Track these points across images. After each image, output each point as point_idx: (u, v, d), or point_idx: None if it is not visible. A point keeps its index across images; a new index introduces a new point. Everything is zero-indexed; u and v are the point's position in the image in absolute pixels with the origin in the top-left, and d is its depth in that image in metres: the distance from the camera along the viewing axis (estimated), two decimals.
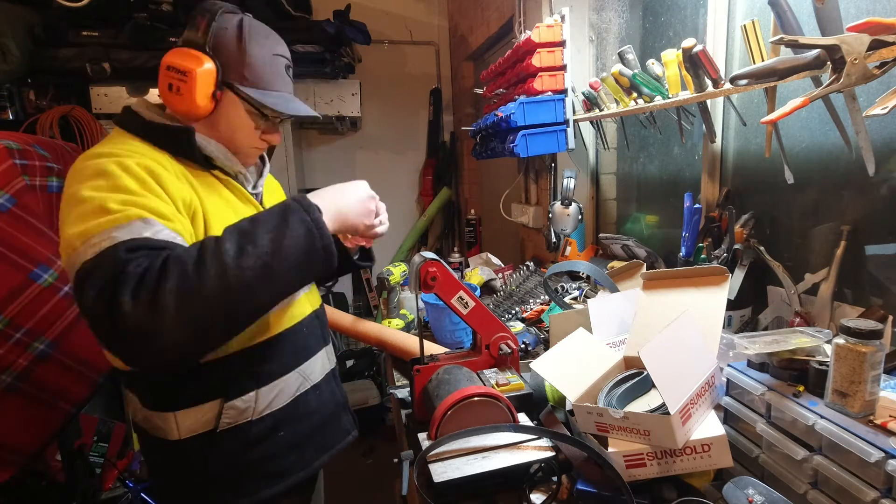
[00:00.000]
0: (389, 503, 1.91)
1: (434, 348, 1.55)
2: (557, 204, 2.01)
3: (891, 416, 0.76)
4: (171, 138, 0.98)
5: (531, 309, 1.80)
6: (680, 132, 1.49)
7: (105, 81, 2.83)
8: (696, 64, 1.26)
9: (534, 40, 1.94)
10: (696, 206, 1.49)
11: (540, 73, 1.96)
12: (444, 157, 4.21)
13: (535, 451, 0.96)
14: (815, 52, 0.94)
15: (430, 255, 1.18)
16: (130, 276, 0.74)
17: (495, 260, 2.56)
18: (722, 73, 1.26)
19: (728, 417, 0.98)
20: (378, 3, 3.88)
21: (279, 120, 1.09)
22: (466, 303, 1.18)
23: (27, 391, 1.73)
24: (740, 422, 0.95)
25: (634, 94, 1.56)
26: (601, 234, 2.09)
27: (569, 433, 1.02)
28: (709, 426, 0.90)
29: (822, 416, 0.79)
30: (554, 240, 2.10)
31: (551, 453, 0.95)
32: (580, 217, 2.00)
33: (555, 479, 0.96)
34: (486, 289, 2.20)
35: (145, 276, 0.75)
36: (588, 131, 2.16)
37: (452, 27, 4.05)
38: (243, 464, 1.04)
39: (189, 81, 0.95)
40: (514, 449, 0.96)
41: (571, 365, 1.06)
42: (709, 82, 1.28)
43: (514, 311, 1.84)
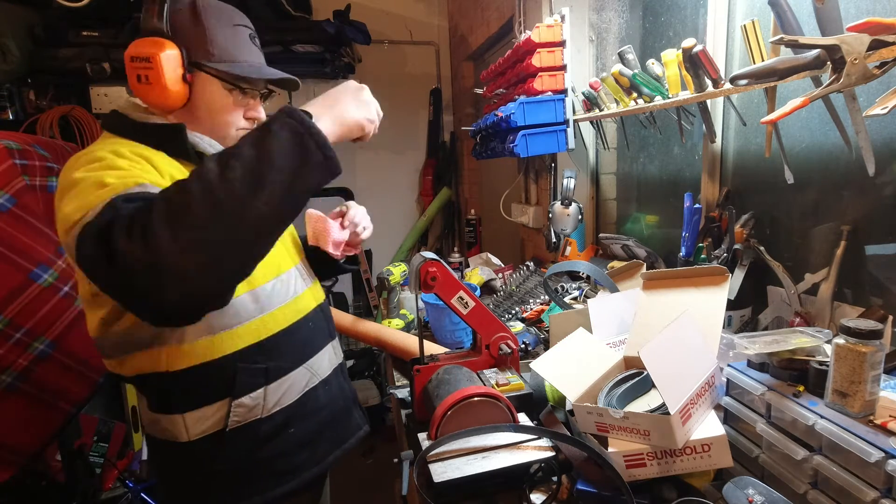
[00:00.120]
0: (389, 503, 1.91)
1: (434, 348, 1.55)
2: (557, 204, 2.01)
3: (891, 416, 0.76)
4: (163, 137, 0.98)
5: (531, 309, 1.80)
6: (680, 132, 1.49)
7: (105, 81, 2.83)
8: (696, 64, 1.26)
9: (534, 40, 1.94)
10: (696, 206, 1.49)
11: (540, 73, 1.96)
12: (444, 157, 4.21)
13: (535, 451, 0.96)
14: (815, 52, 0.94)
15: (430, 255, 1.18)
16: (123, 217, 0.73)
17: (495, 260, 2.56)
18: (722, 73, 1.26)
19: (728, 417, 0.98)
20: (378, 3, 3.88)
21: (259, 93, 1.07)
22: (466, 303, 1.18)
23: (27, 391, 1.73)
24: (740, 422, 0.95)
25: (634, 94, 1.56)
26: (601, 234, 2.09)
27: (569, 433, 1.02)
28: (709, 426, 0.90)
29: (822, 416, 0.79)
30: (554, 240, 2.10)
31: (551, 453, 0.96)
32: (580, 217, 2.00)
33: (555, 479, 0.96)
34: (486, 289, 2.20)
35: (135, 214, 0.74)
36: (588, 131, 2.16)
37: (452, 27, 4.05)
38: (254, 462, 1.04)
39: (155, 67, 0.93)
40: (514, 449, 0.96)
41: (571, 365, 1.06)
42: (709, 82, 1.28)
43: (514, 311, 1.84)
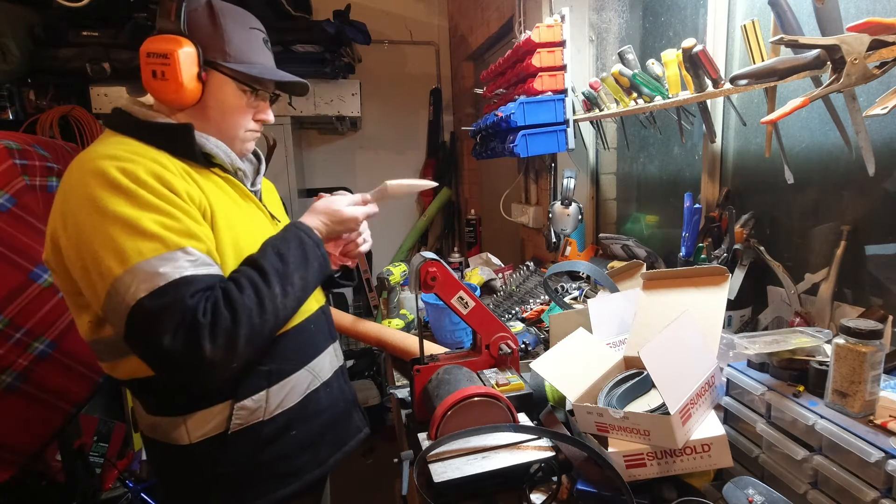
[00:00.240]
0: (389, 503, 1.91)
1: (434, 348, 1.55)
2: (557, 204, 2.01)
3: (891, 416, 0.76)
4: (169, 136, 0.97)
5: (531, 309, 1.80)
6: (680, 132, 1.49)
7: (105, 81, 2.83)
8: (696, 64, 1.26)
9: (534, 40, 1.94)
10: (696, 206, 1.49)
11: (540, 73, 1.96)
12: (444, 157, 4.21)
13: (535, 451, 0.96)
14: (815, 52, 0.94)
15: (430, 255, 1.18)
16: (204, 325, 0.85)
17: (495, 260, 2.56)
18: (722, 73, 1.26)
19: (728, 417, 0.99)
20: (378, 3, 3.88)
21: (269, 96, 1.09)
22: (466, 303, 1.18)
23: (27, 391, 1.73)
24: (740, 422, 0.95)
25: (634, 94, 1.56)
26: (601, 234, 2.09)
27: (569, 433, 1.02)
28: (709, 426, 0.90)
29: (822, 416, 0.79)
30: (554, 240, 2.10)
31: (551, 453, 0.96)
32: (580, 217, 2.00)
33: (555, 479, 0.96)
34: (486, 289, 2.20)
35: (217, 322, 0.86)
36: (588, 131, 2.16)
37: (452, 27, 4.05)
38: (256, 465, 1.03)
39: (172, 64, 0.93)
40: (514, 449, 0.96)
41: (571, 365, 1.06)
42: (709, 82, 1.28)
43: (514, 311, 1.84)
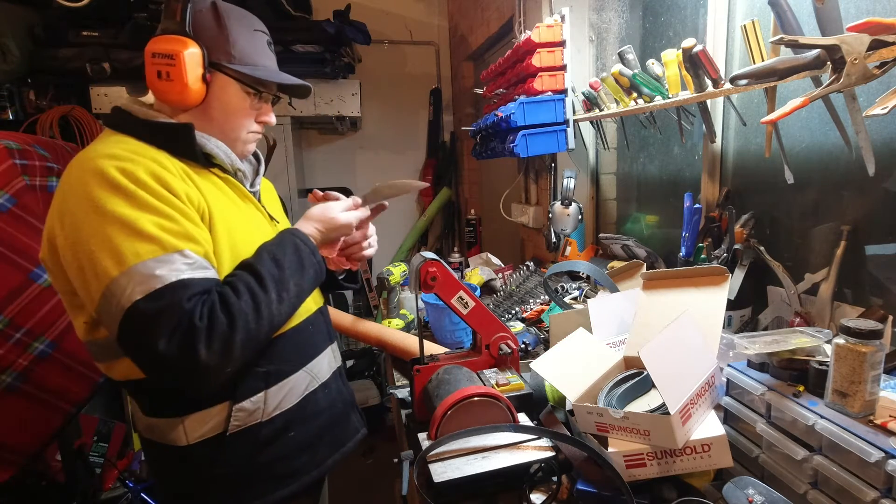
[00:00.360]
0: (389, 503, 1.91)
1: (434, 348, 1.55)
2: (557, 204, 2.01)
3: (891, 416, 0.76)
4: (170, 136, 0.96)
5: (531, 309, 1.80)
6: (680, 132, 1.49)
7: (105, 81, 2.83)
8: (696, 64, 1.26)
9: (534, 40, 1.94)
10: (696, 206, 1.49)
11: (540, 73, 1.96)
12: (444, 157, 4.21)
13: (535, 451, 0.96)
14: (815, 52, 0.94)
15: (430, 255, 1.18)
16: (201, 329, 0.85)
17: (495, 260, 2.56)
18: (722, 73, 1.26)
19: (728, 417, 0.99)
20: (378, 3, 3.88)
21: (271, 98, 1.09)
22: (466, 303, 1.18)
23: (27, 391, 1.73)
24: (740, 422, 0.95)
25: (634, 94, 1.56)
26: (601, 234, 2.09)
27: (569, 433, 1.02)
28: (709, 426, 0.90)
29: (822, 416, 0.79)
30: (554, 240, 2.10)
31: (551, 453, 0.96)
32: (580, 217, 2.00)
33: (555, 479, 0.96)
34: (486, 289, 2.20)
35: (214, 327, 0.86)
36: (588, 131, 2.16)
37: (452, 27, 4.05)
38: (254, 466, 1.03)
39: (177, 64, 0.93)
40: (514, 449, 0.96)
41: (571, 365, 1.06)
42: (709, 82, 1.28)
43: (514, 311, 1.84)
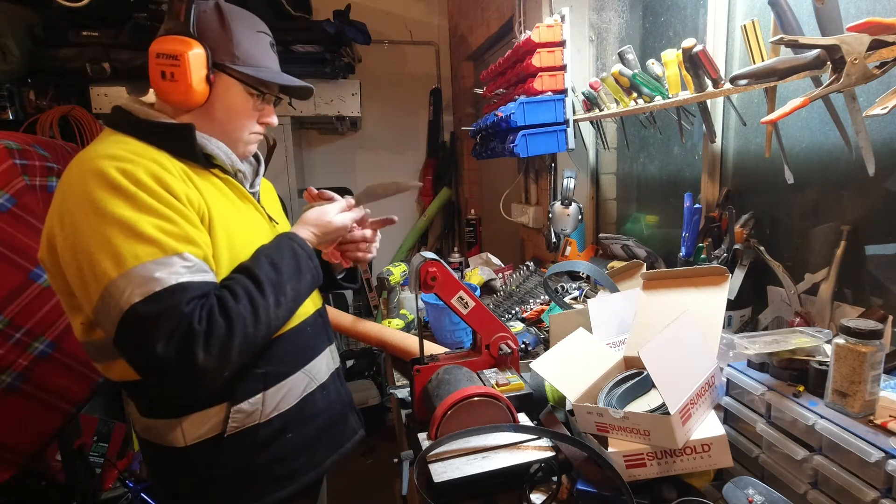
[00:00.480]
0: (389, 503, 1.90)
1: (434, 348, 1.55)
2: (557, 204, 2.01)
3: (891, 416, 0.76)
4: (170, 137, 0.96)
5: (531, 309, 1.80)
6: (680, 132, 1.49)
7: (105, 81, 2.82)
8: (696, 64, 1.26)
9: (534, 40, 1.94)
10: (696, 206, 1.49)
11: (540, 73, 1.96)
12: (444, 157, 4.21)
13: (535, 451, 0.96)
14: (815, 52, 0.94)
15: (430, 255, 1.18)
16: (199, 332, 0.84)
17: (495, 260, 2.56)
18: (722, 73, 1.26)
19: (728, 417, 0.98)
20: (378, 3, 3.88)
21: (273, 99, 1.09)
22: (466, 303, 1.18)
23: (27, 391, 1.73)
24: (740, 422, 0.95)
25: (634, 94, 1.56)
26: (601, 234, 2.09)
27: (569, 433, 1.02)
28: (709, 426, 0.90)
29: (822, 416, 0.79)
30: (554, 240, 2.10)
31: (551, 453, 0.96)
32: (580, 217, 2.00)
33: (555, 479, 0.96)
34: (486, 289, 2.20)
35: (212, 331, 0.86)
36: (588, 131, 2.16)
37: (452, 27, 4.05)
38: (252, 467, 1.03)
39: (182, 65, 0.93)
40: (514, 449, 0.96)
41: (571, 365, 1.06)
42: (709, 82, 1.28)
43: (514, 311, 1.84)
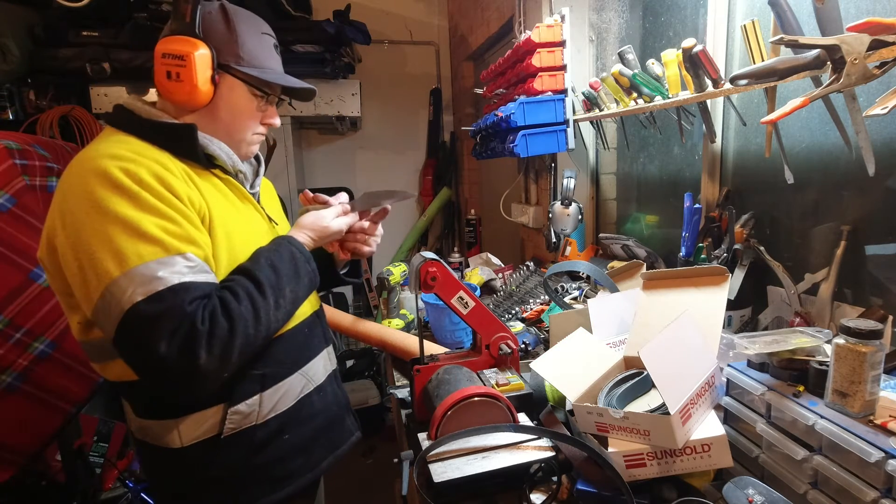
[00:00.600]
0: (389, 503, 1.91)
1: (434, 348, 1.55)
2: (557, 204, 2.01)
3: (891, 416, 0.76)
4: (172, 136, 0.96)
5: (531, 309, 1.80)
6: (680, 132, 1.49)
7: (105, 81, 2.83)
8: (696, 64, 1.26)
9: (534, 40, 1.94)
10: (696, 206, 1.49)
11: (540, 73, 1.96)
12: (444, 157, 4.21)
13: (535, 451, 0.96)
14: (815, 52, 0.94)
15: (430, 255, 1.18)
16: (202, 333, 0.85)
17: (495, 260, 2.56)
18: (722, 73, 1.26)
19: (728, 417, 0.98)
20: (378, 3, 3.88)
21: (277, 100, 1.10)
22: (466, 303, 1.18)
23: (27, 391, 1.73)
24: (740, 422, 0.95)
25: (634, 94, 1.56)
26: (601, 234, 2.09)
27: (569, 433, 1.02)
28: (709, 426, 0.90)
29: (822, 416, 0.79)
30: (554, 240, 2.10)
31: (551, 453, 0.96)
32: (580, 217, 2.00)
33: (555, 479, 0.96)
34: (486, 289, 2.20)
35: (214, 332, 0.86)
36: (588, 131, 2.16)
37: (452, 27, 4.05)
38: (249, 469, 1.03)
39: (188, 65, 0.94)
40: (514, 449, 0.96)
41: (571, 365, 1.06)
42: (709, 82, 1.28)
43: (514, 311, 1.83)
